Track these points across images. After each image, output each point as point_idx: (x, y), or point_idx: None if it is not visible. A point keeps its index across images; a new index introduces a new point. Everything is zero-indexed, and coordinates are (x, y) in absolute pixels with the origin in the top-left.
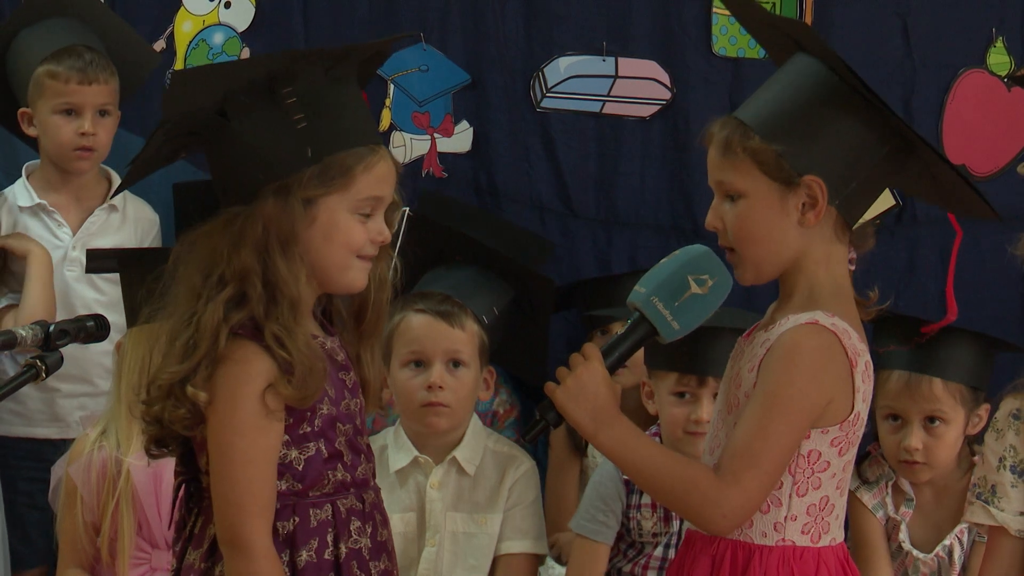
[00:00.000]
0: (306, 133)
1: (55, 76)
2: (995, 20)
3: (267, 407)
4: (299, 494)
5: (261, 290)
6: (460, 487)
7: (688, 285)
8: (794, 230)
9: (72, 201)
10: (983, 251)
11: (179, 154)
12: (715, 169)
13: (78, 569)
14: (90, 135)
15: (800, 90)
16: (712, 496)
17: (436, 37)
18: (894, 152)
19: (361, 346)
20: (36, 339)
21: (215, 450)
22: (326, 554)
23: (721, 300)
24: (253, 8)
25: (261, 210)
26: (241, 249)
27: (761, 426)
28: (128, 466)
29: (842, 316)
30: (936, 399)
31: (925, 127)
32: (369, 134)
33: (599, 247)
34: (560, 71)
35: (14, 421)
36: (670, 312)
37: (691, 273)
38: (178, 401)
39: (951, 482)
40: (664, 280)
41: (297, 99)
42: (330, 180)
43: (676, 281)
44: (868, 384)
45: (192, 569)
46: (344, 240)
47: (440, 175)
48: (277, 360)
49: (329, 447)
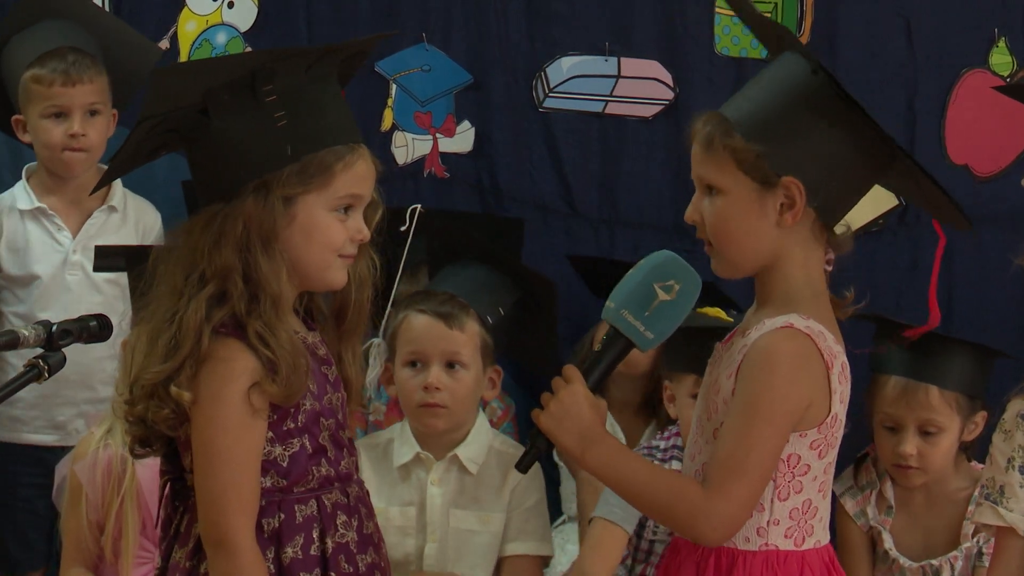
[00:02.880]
0: (286, 131)
1: (39, 80)
2: (997, 20)
3: (252, 406)
4: (284, 490)
5: (243, 287)
6: (462, 485)
7: (655, 293)
8: (771, 230)
9: (71, 204)
10: (986, 257)
11: (159, 152)
12: (697, 164)
13: (82, 568)
14: (79, 136)
15: (784, 91)
16: (700, 508)
17: (438, 37)
18: (874, 157)
19: (342, 345)
20: (38, 339)
21: (199, 448)
22: (312, 550)
23: (692, 302)
24: (256, 8)
25: (241, 208)
26: (222, 247)
27: (743, 435)
28: (133, 463)
29: (818, 318)
30: (932, 408)
31: (927, 127)
32: (349, 133)
33: (601, 247)
34: (563, 71)
35: (14, 427)
36: (641, 323)
37: (656, 281)
38: (161, 401)
39: (945, 488)
40: (631, 292)
41: (277, 97)
42: (309, 178)
43: (643, 291)
44: (845, 385)
45: (178, 568)
46: (324, 239)
47: (442, 175)
48: (261, 358)
49: (313, 442)
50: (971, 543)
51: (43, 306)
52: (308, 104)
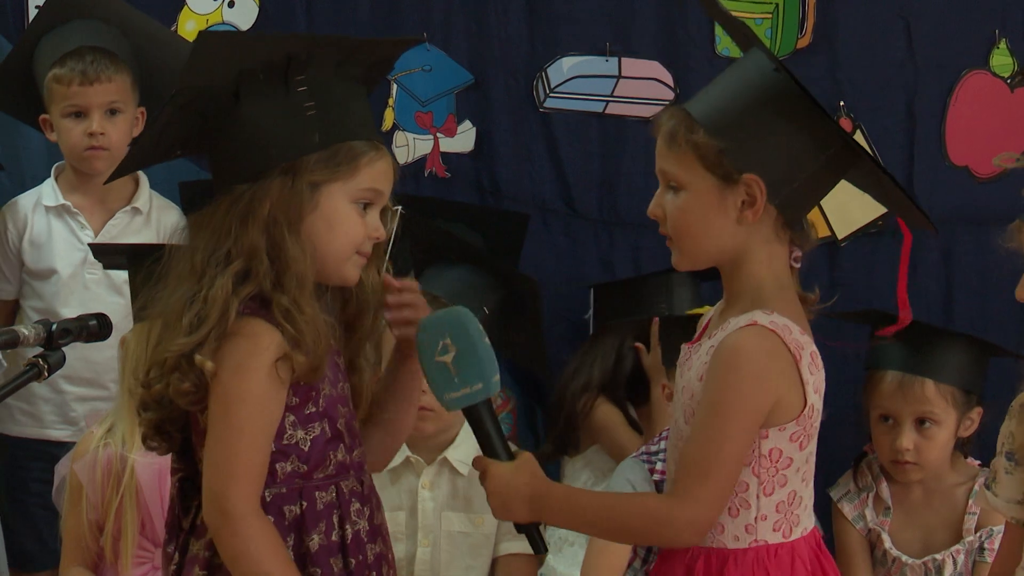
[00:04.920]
0: (314, 120)
1: (59, 80)
2: (998, 21)
3: (279, 377)
4: (304, 476)
5: (268, 265)
6: (454, 487)
7: (443, 366)
8: (731, 226)
9: (96, 203)
10: (986, 257)
11: (174, 152)
12: (660, 158)
13: (81, 567)
14: (98, 135)
15: (746, 89)
16: (664, 516)
17: (439, 37)
18: (837, 156)
19: (351, 351)
20: (38, 337)
21: (215, 419)
22: (333, 536)
23: (479, 340)
24: (256, 7)
25: (268, 190)
26: (249, 226)
27: (708, 437)
28: (133, 462)
29: (783, 311)
30: (928, 401)
31: (928, 129)
32: (372, 132)
33: (601, 247)
34: (563, 71)
35: (26, 422)
36: (462, 386)
37: (434, 356)
38: (183, 374)
39: (942, 484)
40: (432, 379)
41: (307, 88)
42: (336, 166)
43: (434, 371)
44: (817, 374)
45: (197, 560)
46: (345, 230)
47: (443, 175)
48: (286, 335)
49: (332, 428)
50: (973, 537)
51: (62, 302)
52: (336, 99)
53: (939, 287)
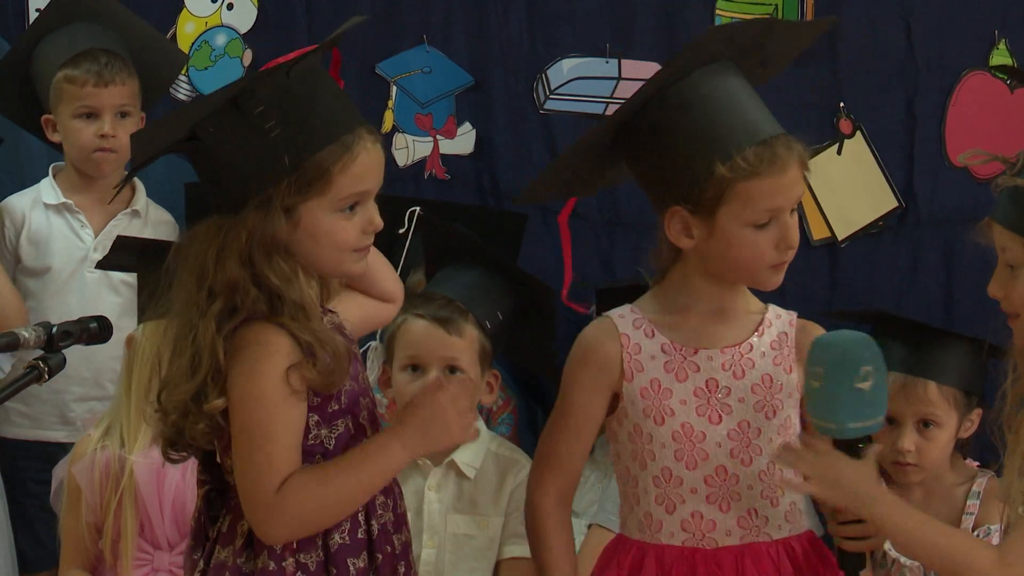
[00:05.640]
0: (280, 140)
1: (72, 80)
2: (998, 22)
3: (290, 386)
4: None
5: (256, 293)
6: (460, 490)
7: (862, 393)
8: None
9: (96, 203)
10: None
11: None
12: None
13: (80, 570)
14: (109, 137)
15: None
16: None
17: (439, 38)
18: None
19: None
20: (39, 340)
21: (237, 431)
22: (359, 533)
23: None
24: (256, 9)
25: (244, 221)
26: (226, 261)
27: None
28: (131, 463)
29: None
30: (930, 402)
31: (927, 128)
32: (345, 123)
33: (602, 248)
34: (563, 73)
35: (25, 424)
36: (872, 416)
37: (853, 381)
38: (195, 419)
39: (941, 485)
40: (837, 401)
41: (265, 107)
42: (307, 186)
43: (847, 394)
44: None
45: (225, 566)
46: (332, 241)
47: (443, 177)
48: (300, 341)
49: (355, 423)
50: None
51: (61, 300)
52: (297, 105)
53: (939, 287)
